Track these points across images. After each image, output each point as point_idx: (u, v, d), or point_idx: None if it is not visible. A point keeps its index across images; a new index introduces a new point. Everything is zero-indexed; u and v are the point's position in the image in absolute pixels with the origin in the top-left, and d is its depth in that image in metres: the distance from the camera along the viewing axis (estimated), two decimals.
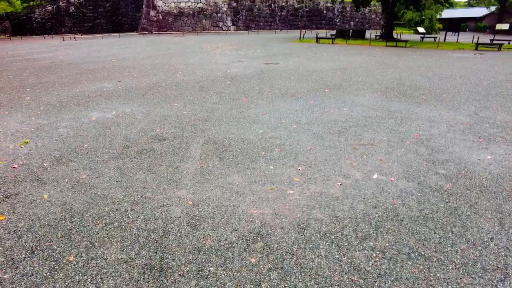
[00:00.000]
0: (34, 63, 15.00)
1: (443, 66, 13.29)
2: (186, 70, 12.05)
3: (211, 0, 45.29)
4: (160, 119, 6.20)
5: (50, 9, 43.60)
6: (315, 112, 6.67)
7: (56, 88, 9.25)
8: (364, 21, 55.29)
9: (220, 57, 16.42)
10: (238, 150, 4.74)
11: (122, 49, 21.11)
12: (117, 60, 15.46)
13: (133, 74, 11.37)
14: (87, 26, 45.16)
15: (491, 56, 17.29)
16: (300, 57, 16.29)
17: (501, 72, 11.91)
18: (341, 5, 46.04)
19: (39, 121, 6.18)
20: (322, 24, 52.23)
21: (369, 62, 14.21)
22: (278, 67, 12.76)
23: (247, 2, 47.53)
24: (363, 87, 9.08)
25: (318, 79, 10.30)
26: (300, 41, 27.14)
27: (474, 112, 6.69)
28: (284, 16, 49.89)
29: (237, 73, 11.46)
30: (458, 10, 66.76)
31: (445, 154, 4.58)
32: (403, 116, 6.40)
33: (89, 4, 44.88)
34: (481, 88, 9.08)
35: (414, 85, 9.32)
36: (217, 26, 45.64)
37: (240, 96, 8.00)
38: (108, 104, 7.38)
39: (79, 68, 13.12)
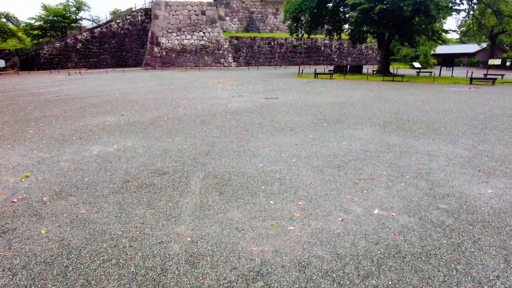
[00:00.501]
0: (39, 97, 15.35)
1: (440, 100, 13.57)
2: (188, 105, 12.31)
3: (213, 37, 47.16)
4: (161, 153, 6.25)
5: (58, 45, 45.36)
6: (315, 146, 6.74)
7: (59, 121, 9.41)
8: (361, 56, 57.18)
9: (221, 92, 16.83)
10: (238, 184, 4.74)
11: (125, 84, 21.69)
12: (121, 94, 15.83)
13: (136, 108, 11.61)
14: (92, 61, 46.71)
15: (486, 90, 17.70)
16: (299, 92, 16.69)
17: (497, 105, 12.14)
18: (338, 42, 47.85)
19: (41, 155, 6.23)
20: (320, 60, 53.96)
21: (366, 97, 14.53)
22: (278, 102, 13.04)
23: (248, 40, 49.46)
24: (362, 121, 9.23)
25: (317, 113, 10.49)
26: (299, 77, 27.92)
27: (472, 146, 6.74)
28: (283, 52, 51.69)
29: (238, 107, 11.70)
30: (451, 46, 69.27)
31: (445, 188, 4.57)
32: (402, 150, 6.45)
33: (95, 41, 46.71)
34: (478, 121, 9.22)
35: (412, 119, 9.47)
36: (218, 62, 47.15)
37: (241, 130, 8.12)
38: (110, 138, 7.47)
39: (83, 102, 13.41)
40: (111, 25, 47.61)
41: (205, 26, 46.80)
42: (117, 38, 47.73)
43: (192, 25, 46.14)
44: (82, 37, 46.17)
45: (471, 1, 27.83)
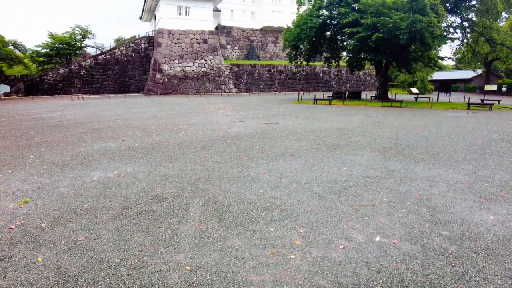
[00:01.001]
0: (41, 122, 15.52)
1: (439, 125, 13.70)
2: (189, 130, 12.43)
3: (214, 65, 48.29)
4: (161, 179, 6.25)
5: (62, 71, 46.40)
6: (315, 171, 6.74)
7: (61, 146, 9.47)
8: (359, 82, 58.26)
9: (222, 117, 17.03)
10: (238, 211, 4.71)
11: (127, 109, 21.97)
12: (122, 120, 16.01)
13: (137, 133, 11.71)
14: (95, 87, 47.57)
15: (483, 115, 17.91)
16: (298, 117, 16.88)
17: (495, 130, 12.25)
18: (337, 69, 48.93)
19: (41, 180, 6.23)
20: (319, 86, 54.95)
21: (366, 122, 14.68)
22: (278, 127, 13.16)
23: (248, 67, 50.62)
24: (361, 146, 9.28)
25: (316, 138, 10.57)
26: (298, 103, 28.32)
27: (472, 171, 6.75)
28: (283, 79, 52.74)
29: (238, 132, 11.80)
30: (447, 72, 70.79)
31: (447, 215, 4.54)
32: (402, 175, 6.45)
33: (99, 67, 47.81)
34: (477, 146, 9.27)
35: (411, 144, 9.52)
36: (219, 88, 48.01)
37: (241, 155, 8.15)
38: (110, 163, 7.50)
39: (85, 127, 13.55)
40: (114, 52, 48.89)
41: (207, 54, 48.05)
42: (120, 64, 48.89)
43: (194, 53, 47.38)
44: (86, 64, 47.29)
45: (464, 30, 28.75)
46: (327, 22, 30.01)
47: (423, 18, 21.67)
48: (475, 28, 27.47)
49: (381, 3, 23.62)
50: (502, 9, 26.59)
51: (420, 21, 21.66)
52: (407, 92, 49.09)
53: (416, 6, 22.34)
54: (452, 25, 28.77)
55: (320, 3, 29.30)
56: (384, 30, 23.24)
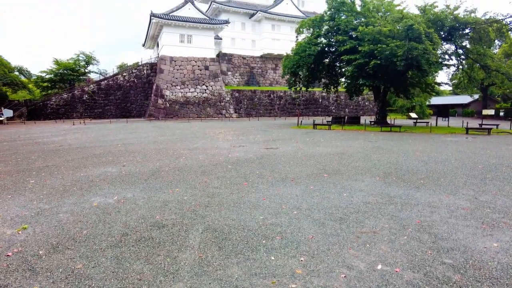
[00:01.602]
0: (43, 147, 15.60)
1: (438, 150, 13.75)
2: (189, 155, 12.47)
3: (215, 90, 49.13)
4: (161, 205, 6.22)
5: (65, 96, 47.14)
6: (315, 197, 6.72)
7: (61, 171, 9.47)
8: (358, 108, 58.97)
9: (222, 142, 17.13)
10: (238, 238, 4.66)
11: (128, 134, 22.13)
12: (123, 144, 16.10)
13: (138, 158, 11.75)
14: (97, 112, 48.14)
15: (482, 140, 18.01)
16: (298, 142, 16.98)
17: (494, 155, 12.28)
18: (336, 94, 49.71)
19: (40, 206, 6.20)
20: (319, 111, 55.59)
21: (365, 147, 14.75)
22: (278, 152, 13.22)
23: (248, 93, 51.46)
24: (361, 172, 9.29)
25: (316, 164, 10.59)
26: (298, 127, 28.56)
27: (473, 197, 6.72)
28: (283, 104, 53.46)
29: (238, 157, 11.84)
30: (445, 97, 71.87)
31: (449, 242, 4.49)
32: (403, 201, 6.42)
33: (101, 92, 48.60)
34: (477, 171, 9.27)
35: (411, 170, 9.53)
36: (220, 113, 48.57)
37: (241, 181, 8.15)
38: (110, 189, 7.48)
39: (86, 152, 13.60)
40: (117, 78, 49.87)
41: (208, 80, 49.00)
42: (123, 90, 49.73)
43: (196, 79, 48.33)
44: (89, 89, 48.13)
45: (459, 56, 29.45)
46: (325, 50, 30.83)
47: (419, 46, 22.28)
48: (470, 55, 28.15)
49: (377, 31, 24.35)
50: (494, 37, 27.32)
51: (416, 48, 22.25)
52: (406, 117, 49.67)
53: (412, 34, 23.03)
54: (447, 52, 29.49)
55: (318, 31, 30.22)
56: (381, 57, 23.81)
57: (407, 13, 27.60)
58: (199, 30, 48.48)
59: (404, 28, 23.59)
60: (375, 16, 28.43)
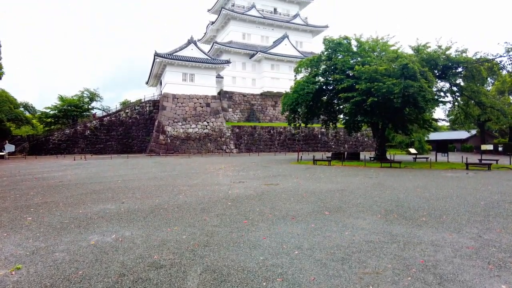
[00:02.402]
0: (42, 182, 15.54)
1: (439, 186, 13.68)
2: (189, 192, 12.40)
3: (216, 126, 49.84)
4: (159, 244, 6.10)
5: (68, 132, 47.72)
6: (317, 236, 6.60)
7: (59, 208, 9.38)
8: (357, 143, 59.40)
9: (223, 178, 17.09)
10: (238, 280, 4.54)
11: (129, 170, 22.12)
12: (123, 181, 16.05)
13: (137, 195, 11.67)
14: (98, 147, 48.46)
15: (483, 176, 17.96)
16: (298, 178, 16.94)
17: (496, 191, 12.20)
18: (335, 130, 50.34)
19: (36, 244, 6.09)
20: (318, 147, 55.94)
21: (366, 184, 14.69)
22: (278, 188, 13.15)
23: (249, 129, 52.15)
24: (363, 209, 9.19)
25: (317, 200, 10.50)
26: (298, 163, 28.58)
27: (477, 235, 6.60)
28: (282, 140, 53.95)
29: (238, 194, 11.76)
30: (443, 133, 72.61)
31: (455, 283, 4.36)
32: (405, 240, 6.30)
33: (103, 128, 49.26)
34: (479, 208, 9.16)
35: (413, 207, 9.43)
36: (220, 148, 48.88)
37: (241, 218, 8.04)
38: (109, 226, 7.37)
39: (85, 188, 13.54)
40: (120, 114, 50.78)
41: (209, 117, 49.89)
42: (125, 126, 50.44)
43: (197, 116, 49.22)
44: (91, 125, 48.83)
45: (454, 93, 30.20)
46: (323, 88, 31.68)
47: (415, 84, 22.94)
48: (464, 92, 28.86)
49: (374, 70, 25.19)
50: (486, 75, 28.21)
51: (412, 86, 22.89)
52: (405, 152, 49.89)
53: (407, 72, 23.81)
54: (442, 90, 30.29)
55: (316, 70, 31.27)
56: (378, 94, 24.42)
57: (402, 52, 28.73)
58: (201, 69, 50.18)
59: (399, 67, 24.43)
60: (371, 55, 29.56)
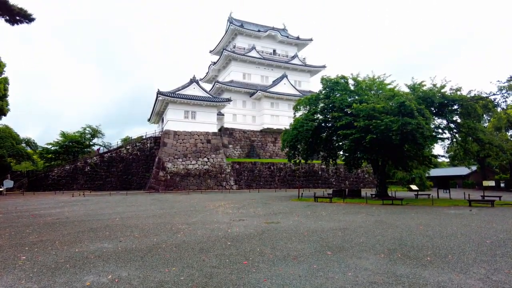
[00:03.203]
0: (39, 219, 15.28)
1: (442, 224, 13.44)
2: (188, 230, 12.16)
3: (216, 162, 49.90)
4: (156, 286, 5.90)
5: (68, 168, 47.65)
6: (319, 277, 6.40)
7: (55, 247, 9.16)
8: (358, 180, 59.05)
9: (222, 215, 16.83)
10: None
11: (127, 207, 21.83)
12: (121, 218, 15.80)
13: (135, 234, 11.44)
14: (98, 184, 48.11)
15: (487, 213, 17.69)
16: (300, 216, 16.67)
17: (501, 229, 11.97)
18: (335, 167, 50.29)
19: (29, 285, 5.89)
20: (319, 184, 55.56)
21: (368, 222, 14.44)
22: (279, 227, 12.91)
23: (249, 165, 52.16)
24: (365, 248, 8.97)
25: (319, 239, 10.28)
26: (299, 200, 28.24)
27: (485, 276, 6.40)
28: (283, 176, 53.73)
29: (238, 232, 11.53)
30: (444, 169, 72.49)
31: None
32: (410, 281, 6.10)
33: (103, 164, 49.24)
34: (485, 247, 8.95)
35: (416, 245, 9.22)
36: (220, 185, 48.54)
37: (241, 259, 7.83)
38: (105, 266, 7.17)
39: (82, 226, 13.30)
40: (120, 151, 51.05)
41: (210, 153, 50.13)
42: (125, 162, 50.48)
43: (198, 152, 49.47)
44: (92, 161, 48.88)
45: (451, 130, 30.58)
46: (322, 125, 32.12)
47: (412, 121, 23.33)
48: (461, 129, 29.26)
49: (371, 108, 25.73)
50: (482, 112, 28.74)
51: (410, 123, 23.27)
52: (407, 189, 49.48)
53: (404, 110, 24.32)
54: (440, 126, 30.72)
55: (315, 108, 31.93)
56: (377, 131, 24.72)
57: (398, 91, 29.54)
58: (202, 107, 51.28)
59: (396, 104, 24.99)
60: (368, 94, 30.33)
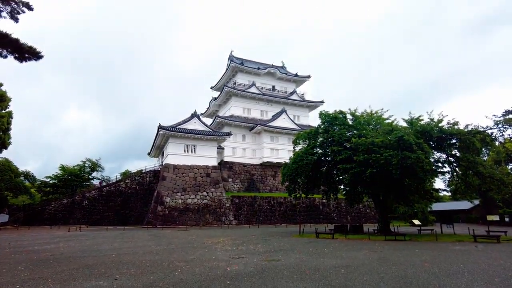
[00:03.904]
0: (32, 255, 14.87)
1: (448, 261, 13.06)
2: (185, 268, 11.78)
3: (216, 197, 49.32)
4: None
5: (65, 202, 46.98)
6: None
7: (47, 285, 8.85)
8: (360, 215, 58.04)
9: (221, 252, 16.37)
10: None
11: (124, 243, 21.30)
12: (117, 255, 15.37)
13: (131, 271, 11.08)
14: (95, 218, 47.19)
15: (493, 249, 17.26)
16: (301, 253, 16.21)
17: (510, 266, 11.65)
18: (336, 202, 49.64)
19: None
20: (320, 219, 54.51)
21: (371, 259, 14.04)
22: (280, 265, 12.51)
23: (249, 199, 51.53)
24: (369, 287, 8.66)
25: (322, 278, 9.94)
26: (300, 236, 27.54)
27: None
28: (283, 211, 52.86)
29: (238, 271, 11.17)
30: (446, 203, 71.27)
31: None
32: None
33: (101, 199, 48.60)
34: (494, 286, 8.65)
35: (422, 284, 8.90)
36: (219, 220, 47.62)
37: None
38: None
39: (77, 262, 12.91)
40: (119, 185, 50.62)
41: (209, 187, 49.72)
42: (123, 196, 49.87)
43: (197, 186, 49.08)
44: (90, 195, 48.31)
45: (451, 164, 30.58)
46: (322, 159, 32.17)
47: (412, 155, 23.41)
48: (461, 162, 29.26)
49: (370, 142, 25.92)
50: (480, 146, 28.88)
51: (409, 157, 23.33)
52: (409, 224, 48.58)
53: (403, 144, 24.48)
54: (439, 160, 30.76)
55: (314, 142, 32.16)
56: (376, 165, 24.71)
57: (396, 125, 29.94)
58: (203, 141, 51.66)
59: (395, 139, 25.21)
60: (367, 128, 30.70)
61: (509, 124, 27.98)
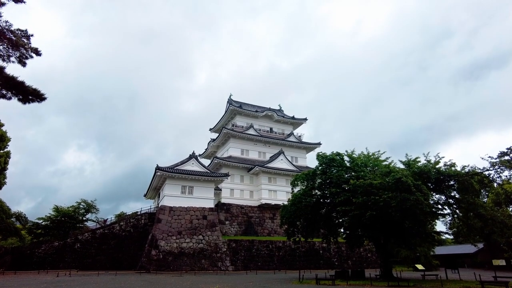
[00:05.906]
0: None
1: None
2: None
3: (212, 241, 47.74)
4: None
5: (56, 244, 45.24)
6: None
7: None
8: (361, 259, 56.01)
9: None
10: None
11: None
12: None
13: None
14: (86, 262, 45.21)
15: None
16: None
17: None
18: (336, 245, 48.16)
19: None
20: (320, 264, 52.48)
21: None
22: None
23: (246, 243, 49.91)
24: None
25: None
26: (299, 283, 26.28)
27: None
28: (282, 255, 51.00)
29: None
30: (450, 247, 69.12)
31: None
32: None
33: (94, 241, 46.94)
34: None
35: None
36: (215, 266, 45.67)
37: None
38: None
39: None
40: (113, 227, 49.20)
41: (205, 230, 48.36)
42: (117, 239, 48.25)
43: (193, 229, 47.76)
44: (83, 238, 46.73)
45: (451, 206, 30.25)
46: (321, 201, 31.81)
47: (411, 197, 23.23)
48: (461, 204, 28.98)
49: (369, 184, 25.83)
50: (478, 188, 28.86)
51: (408, 199, 23.14)
52: (412, 269, 46.80)
53: (402, 186, 24.37)
54: (439, 202, 30.48)
55: (312, 184, 31.99)
56: (376, 208, 24.39)
57: (394, 167, 30.06)
58: (200, 182, 51.25)
59: (393, 180, 25.16)
60: (364, 170, 30.75)
61: (505, 166, 28.23)
